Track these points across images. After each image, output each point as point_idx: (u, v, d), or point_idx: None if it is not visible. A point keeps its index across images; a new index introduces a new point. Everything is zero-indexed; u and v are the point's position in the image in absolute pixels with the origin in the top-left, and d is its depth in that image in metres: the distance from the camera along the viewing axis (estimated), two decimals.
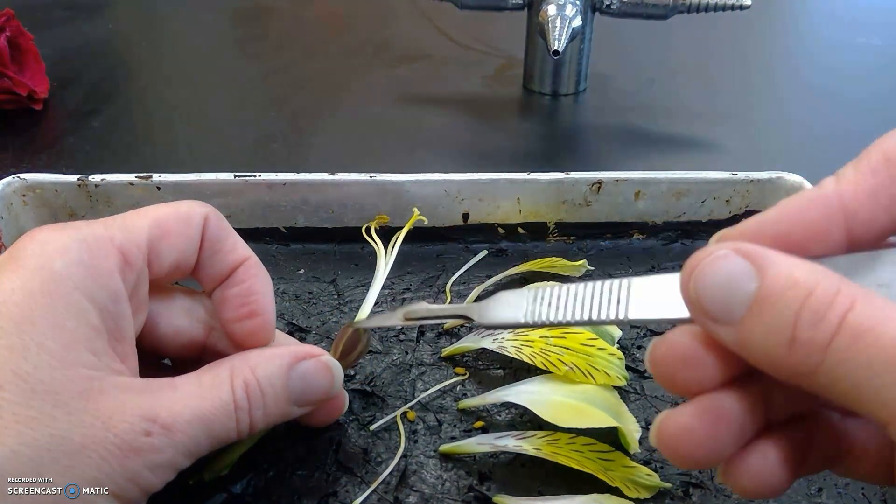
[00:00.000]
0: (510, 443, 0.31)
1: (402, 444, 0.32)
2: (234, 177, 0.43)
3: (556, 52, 0.58)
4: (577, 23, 0.59)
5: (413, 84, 0.72)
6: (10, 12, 0.62)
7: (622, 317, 0.23)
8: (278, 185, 0.44)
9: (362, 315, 0.35)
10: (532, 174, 0.44)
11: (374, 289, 0.36)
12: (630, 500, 0.30)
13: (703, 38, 0.84)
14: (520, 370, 0.36)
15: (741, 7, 0.61)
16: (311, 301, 0.41)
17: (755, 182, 0.45)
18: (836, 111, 0.69)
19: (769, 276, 0.19)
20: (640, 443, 0.31)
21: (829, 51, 0.84)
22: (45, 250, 0.25)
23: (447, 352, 0.37)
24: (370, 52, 0.80)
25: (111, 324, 0.25)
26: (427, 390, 0.35)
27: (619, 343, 0.37)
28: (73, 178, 0.43)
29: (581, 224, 0.46)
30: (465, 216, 0.45)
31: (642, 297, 0.23)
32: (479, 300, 0.40)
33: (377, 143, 0.61)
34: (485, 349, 0.36)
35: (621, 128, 0.65)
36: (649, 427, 0.33)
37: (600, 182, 0.45)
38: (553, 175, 0.44)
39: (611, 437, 0.31)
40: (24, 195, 0.43)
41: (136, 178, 0.43)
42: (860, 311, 0.18)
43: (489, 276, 0.42)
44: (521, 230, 0.46)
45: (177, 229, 0.28)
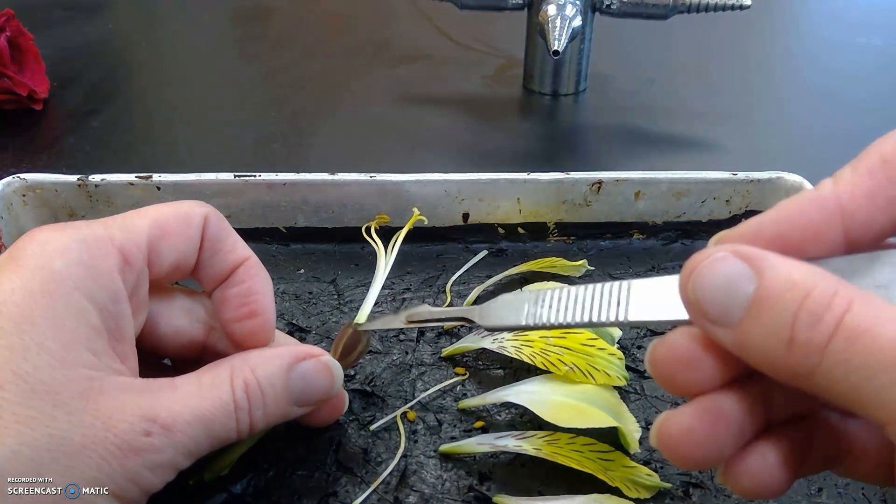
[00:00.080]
0: (510, 443, 0.31)
1: (402, 444, 0.32)
2: (234, 177, 0.43)
3: (556, 52, 0.58)
4: (577, 23, 0.59)
5: (413, 84, 0.72)
6: (10, 12, 0.62)
7: (622, 318, 0.23)
8: (278, 185, 0.44)
9: (362, 315, 0.35)
10: (532, 174, 0.44)
11: (374, 289, 0.36)
12: (630, 500, 0.30)
13: (703, 38, 0.84)
14: (520, 370, 0.36)
15: (741, 7, 0.61)
16: (311, 301, 0.41)
17: (755, 182, 0.45)
18: (836, 111, 0.69)
19: (767, 278, 0.19)
20: (640, 443, 0.31)
21: (829, 51, 0.84)
22: (45, 250, 0.25)
23: (447, 352, 0.37)
24: (370, 52, 0.80)
25: (111, 324, 0.25)
26: (427, 390, 0.35)
27: (619, 343, 0.37)
28: (73, 178, 0.43)
29: (581, 224, 0.46)
30: (465, 216, 0.45)
31: (642, 299, 0.23)
32: (479, 300, 0.41)
33: (377, 143, 0.61)
34: (485, 349, 0.36)
35: (621, 128, 0.65)
36: (649, 427, 0.33)
37: (600, 182, 0.45)
38: (553, 175, 0.44)
39: (611, 437, 0.31)
40: (24, 195, 0.43)
41: (136, 178, 0.43)
42: (858, 312, 0.18)
43: (489, 277, 0.42)
44: (521, 230, 0.46)
45: (177, 229, 0.28)
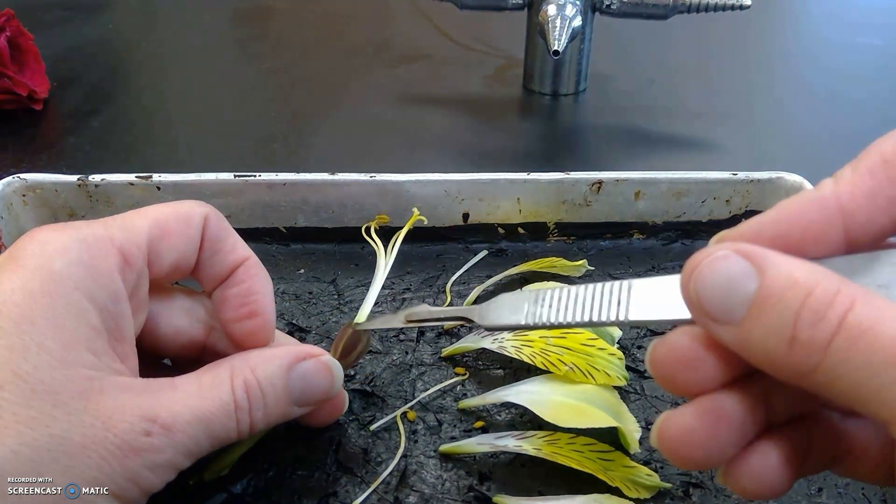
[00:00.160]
0: (510, 443, 0.31)
1: (402, 444, 0.32)
2: (234, 177, 0.43)
3: (556, 52, 0.58)
4: (577, 23, 0.59)
5: (413, 84, 0.72)
6: (10, 12, 0.62)
7: (623, 318, 0.23)
8: (278, 185, 0.44)
9: (362, 315, 0.35)
10: (532, 174, 0.44)
11: (374, 289, 0.36)
12: (630, 500, 0.30)
13: (703, 38, 0.84)
14: (520, 370, 0.36)
15: (741, 7, 0.61)
16: (311, 301, 0.41)
17: (755, 182, 0.45)
18: (836, 111, 0.69)
19: (769, 277, 0.19)
20: (640, 443, 0.31)
21: (829, 51, 0.84)
22: (45, 250, 0.25)
23: (447, 352, 0.37)
24: (370, 52, 0.80)
25: (111, 324, 0.25)
26: (427, 390, 0.35)
27: (619, 343, 0.37)
28: (73, 178, 0.43)
29: (581, 224, 0.46)
30: (465, 216, 0.45)
31: (643, 299, 0.23)
32: (479, 300, 0.41)
33: (377, 143, 0.61)
34: (485, 349, 0.36)
35: (621, 128, 0.65)
36: (649, 427, 0.33)
37: (600, 182, 0.45)
38: (553, 175, 0.44)
39: (611, 437, 0.31)
40: (24, 195, 0.43)
41: (136, 178, 0.43)
42: (860, 310, 0.18)
43: (489, 276, 0.42)
44: (521, 230, 0.46)
45: (177, 229, 0.28)
